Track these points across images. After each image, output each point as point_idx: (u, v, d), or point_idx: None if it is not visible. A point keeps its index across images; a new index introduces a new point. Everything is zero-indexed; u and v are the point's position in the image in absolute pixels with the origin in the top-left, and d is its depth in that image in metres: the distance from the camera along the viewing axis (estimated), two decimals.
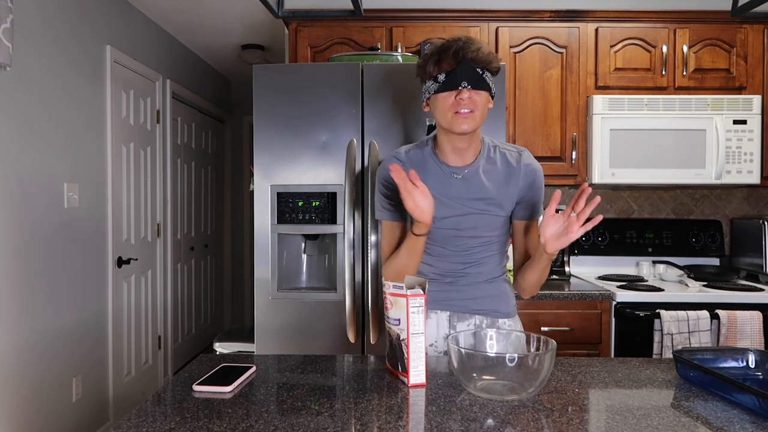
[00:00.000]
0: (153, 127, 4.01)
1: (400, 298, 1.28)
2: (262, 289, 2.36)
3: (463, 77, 1.42)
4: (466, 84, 1.42)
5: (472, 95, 1.43)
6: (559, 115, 2.88)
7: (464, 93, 1.42)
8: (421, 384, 1.26)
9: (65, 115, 2.93)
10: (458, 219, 1.56)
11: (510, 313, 1.66)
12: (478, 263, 1.61)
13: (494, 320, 1.63)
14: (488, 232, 1.59)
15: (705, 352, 1.36)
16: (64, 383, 2.94)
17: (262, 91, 2.34)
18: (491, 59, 1.45)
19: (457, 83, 1.42)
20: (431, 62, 1.46)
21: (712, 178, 2.78)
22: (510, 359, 1.14)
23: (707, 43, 2.90)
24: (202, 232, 5.19)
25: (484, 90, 1.45)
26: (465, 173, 1.55)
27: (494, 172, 1.56)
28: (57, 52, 2.86)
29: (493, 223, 1.58)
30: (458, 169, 1.55)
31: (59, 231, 2.88)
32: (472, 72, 1.42)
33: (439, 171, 1.56)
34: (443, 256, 1.61)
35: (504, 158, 1.58)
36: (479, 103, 1.45)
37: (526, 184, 1.57)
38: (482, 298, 1.63)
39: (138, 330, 3.79)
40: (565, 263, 2.95)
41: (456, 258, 1.61)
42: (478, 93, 1.44)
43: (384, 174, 1.60)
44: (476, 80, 1.43)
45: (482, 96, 1.45)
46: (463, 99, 1.42)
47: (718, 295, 2.56)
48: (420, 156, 1.59)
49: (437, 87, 1.45)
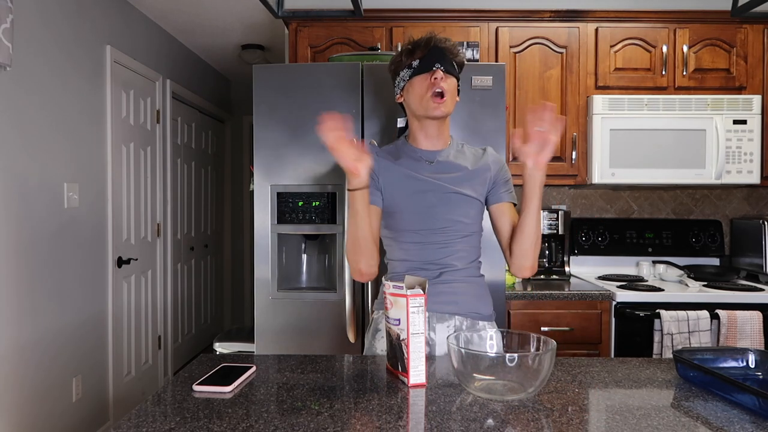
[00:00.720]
0: (153, 127, 4.00)
1: (400, 298, 1.27)
2: (262, 289, 2.36)
3: (436, 60, 1.54)
4: (439, 65, 1.53)
5: (444, 78, 1.53)
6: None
7: (438, 73, 1.52)
8: (421, 384, 1.26)
9: (65, 115, 2.93)
10: (433, 194, 1.59)
11: (490, 315, 1.67)
12: (455, 254, 1.61)
13: (474, 323, 1.63)
14: (462, 216, 1.60)
15: (705, 352, 1.36)
16: (65, 383, 2.94)
17: (262, 91, 2.34)
18: (457, 51, 1.58)
19: (431, 65, 1.53)
20: (404, 54, 1.58)
21: (712, 178, 2.78)
22: (510, 359, 1.14)
23: (707, 43, 2.90)
24: (202, 232, 5.19)
25: (453, 76, 1.56)
26: (437, 158, 1.63)
27: (463, 158, 1.65)
28: (57, 52, 2.86)
29: (466, 206, 1.61)
30: (430, 154, 1.63)
31: (59, 231, 2.88)
32: (444, 56, 1.54)
33: (412, 156, 1.64)
34: (420, 243, 1.60)
35: (471, 152, 1.68)
36: (450, 87, 1.55)
37: (496, 168, 1.66)
38: (463, 299, 1.62)
39: (138, 330, 3.78)
40: (565, 263, 2.96)
41: (433, 246, 1.60)
42: (449, 78, 1.55)
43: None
44: (447, 65, 1.54)
45: (452, 81, 1.56)
46: (437, 78, 1.52)
47: (718, 295, 2.56)
48: (393, 149, 1.68)
49: (412, 72, 1.56)
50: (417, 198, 1.59)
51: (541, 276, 2.94)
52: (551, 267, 2.97)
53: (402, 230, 1.61)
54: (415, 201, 1.59)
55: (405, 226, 1.61)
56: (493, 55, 2.89)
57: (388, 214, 1.63)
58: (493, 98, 2.31)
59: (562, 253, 2.97)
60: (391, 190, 1.60)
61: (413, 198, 1.59)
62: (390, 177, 1.60)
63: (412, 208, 1.59)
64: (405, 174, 1.60)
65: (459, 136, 2.30)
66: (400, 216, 1.61)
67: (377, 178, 1.61)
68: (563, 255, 2.96)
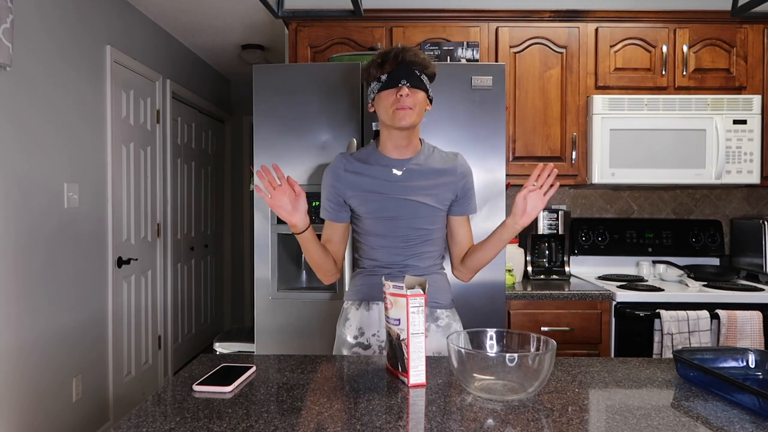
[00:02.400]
0: (153, 127, 4.00)
1: (400, 298, 1.28)
2: (262, 289, 2.36)
3: (402, 76, 1.58)
4: (405, 82, 1.58)
5: (410, 93, 1.58)
6: (559, 115, 2.88)
7: (404, 90, 1.57)
8: (421, 384, 1.26)
9: (65, 115, 2.93)
10: (397, 205, 1.67)
11: (448, 304, 1.77)
12: (418, 256, 1.72)
13: (433, 311, 1.73)
14: (426, 224, 1.70)
15: (705, 352, 1.36)
16: (64, 383, 2.94)
17: (262, 91, 2.34)
18: (427, 63, 1.62)
19: (397, 81, 1.58)
20: (374, 66, 1.62)
21: (712, 178, 2.78)
22: (510, 359, 1.14)
23: (707, 43, 2.90)
24: (202, 232, 5.19)
25: (421, 89, 1.61)
26: (405, 168, 1.69)
27: (431, 169, 1.70)
28: (57, 52, 2.86)
29: (431, 216, 1.70)
30: (398, 163, 1.69)
31: (59, 231, 2.88)
32: (410, 72, 1.59)
33: (381, 163, 1.70)
34: (385, 247, 1.71)
35: (441, 158, 1.73)
36: (417, 101, 1.60)
37: (462, 183, 1.73)
38: None
39: (138, 330, 3.78)
40: (565, 263, 2.96)
41: (397, 250, 1.71)
42: (416, 92, 1.60)
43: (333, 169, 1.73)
44: (414, 80, 1.59)
45: (419, 95, 1.61)
46: (402, 95, 1.57)
47: (718, 295, 2.56)
48: (364, 154, 1.74)
49: (380, 86, 1.61)
50: (381, 208, 1.68)
51: (541, 276, 2.94)
52: (551, 267, 2.97)
53: (368, 235, 1.72)
54: (379, 210, 1.68)
55: (371, 231, 1.71)
56: (493, 55, 2.89)
57: (357, 219, 1.74)
58: (493, 98, 2.31)
59: (562, 253, 2.97)
60: (357, 201, 1.69)
61: (378, 208, 1.68)
62: (356, 190, 1.69)
63: (377, 216, 1.68)
64: (371, 185, 1.68)
65: (459, 135, 2.30)
66: (366, 223, 1.71)
67: (342, 195, 1.71)
68: (563, 255, 2.96)
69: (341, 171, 1.70)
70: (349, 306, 1.77)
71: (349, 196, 1.70)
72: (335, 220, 1.74)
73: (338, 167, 1.71)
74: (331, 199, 1.72)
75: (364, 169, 1.70)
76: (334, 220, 1.74)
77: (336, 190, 1.71)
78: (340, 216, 1.73)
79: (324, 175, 1.75)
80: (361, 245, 1.77)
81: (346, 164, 1.71)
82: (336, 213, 1.73)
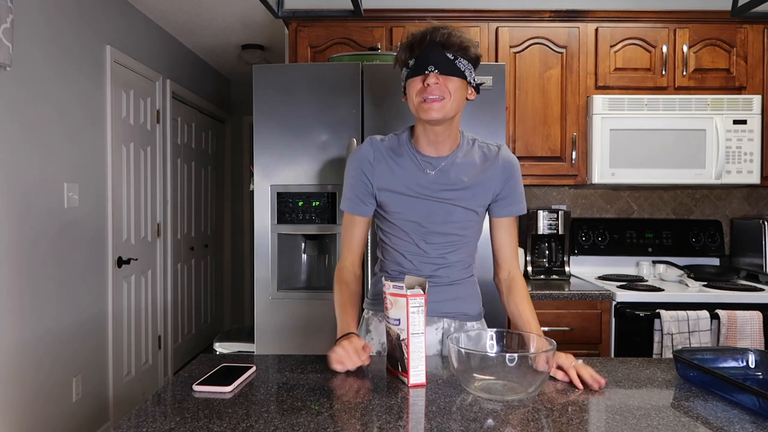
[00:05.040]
0: (153, 127, 4.00)
1: (400, 298, 1.28)
2: (262, 289, 2.36)
3: (430, 61, 1.39)
4: (433, 68, 1.38)
5: (440, 81, 1.39)
6: (559, 115, 2.88)
7: (431, 78, 1.38)
8: (421, 384, 1.26)
9: (65, 115, 2.93)
10: (429, 209, 1.52)
11: (478, 314, 1.64)
12: (447, 266, 1.57)
13: (462, 323, 1.61)
14: (459, 230, 1.55)
15: (705, 352, 1.36)
16: (65, 383, 2.94)
17: (262, 91, 2.34)
18: (465, 44, 1.40)
19: (423, 67, 1.39)
20: (403, 50, 1.45)
21: (712, 178, 2.78)
22: (510, 359, 1.14)
23: (707, 43, 2.90)
24: (202, 232, 5.19)
25: (456, 76, 1.40)
26: (441, 166, 1.51)
27: (471, 165, 1.53)
28: (57, 52, 2.86)
29: (466, 219, 1.55)
30: (433, 161, 1.52)
31: (59, 231, 2.88)
32: (441, 56, 1.39)
33: (413, 161, 1.53)
34: (413, 254, 1.57)
35: (482, 152, 1.55)
36: (451, 89, 1.41)
37: (504, 178, 1.55)
38: (450, 301, 1.60)
39: (138, 330, 3.78)
40: (565, 263, 2.95)
41: (425, 258, 1.56)
42: (449, 79, 1.40)
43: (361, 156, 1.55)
44: (445, 65, 1.39)
45: (453, 82, 1.41)
46: (429, 84, 1.38)
47: (718, 295, 2.56)
48: (395, 143, 1.56)
49: (408, 73, 1.44)
50: (410, 210, 1.53)
51: (541, 276, 2.94)
52: (551, 267, 2.97)
53: (395, 236, 1.58)
54: (409, 212, 1.53)
55: (398, 233, 1.57)
56: (493, 55, 2.89)
57: (382, 217, 1.59)
58: (493, 98, 2.31)
59: (562, 253, 2.97)
60: (385, 197, 1.55)
61: (407, 209, 1.53)
62: (385, 184, 1.53)
63: (406, 218, 1.54)
64: (401, 183, 1.52)
65: None
66: (393, 224, 1.56)
67: (370, 185, 1.55)
68: (563, 255, 2.96)
69: (371, 159, 1.53)
70: (371, 316, 1.65)
71: (377, 184, 1.53)
72: (359, 213, 1.57)
73: (367, 154, 1.54)
74: (357, 188, 1.55)
75: (394, 163, 1.53)
76: (358, 213, 1.57)
77: (363, 180, 1.54)
78: (365, 209, 1.56)
79: (349, 161, 1.57)
80: (386, 247, 1.62)
81: (376, 153, 1.54)
82: (361, 205, 1.56)
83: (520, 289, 1.57)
